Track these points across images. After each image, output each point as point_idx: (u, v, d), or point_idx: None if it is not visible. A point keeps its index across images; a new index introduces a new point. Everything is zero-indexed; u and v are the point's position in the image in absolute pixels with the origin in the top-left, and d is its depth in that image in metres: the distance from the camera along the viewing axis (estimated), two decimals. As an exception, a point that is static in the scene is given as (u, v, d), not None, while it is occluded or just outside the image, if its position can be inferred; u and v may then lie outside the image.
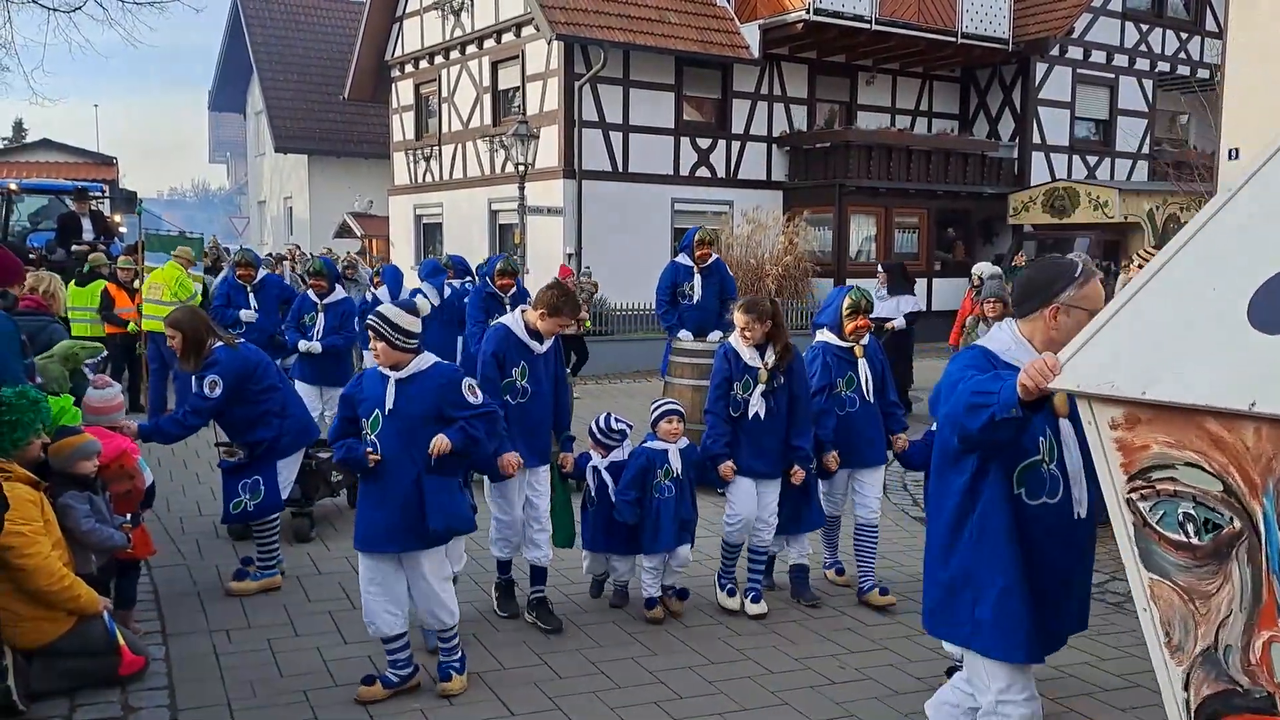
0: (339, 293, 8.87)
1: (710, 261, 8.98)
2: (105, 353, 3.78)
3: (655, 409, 5.66)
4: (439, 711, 4.36)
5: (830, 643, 5.21)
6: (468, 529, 4.72)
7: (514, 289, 9.24)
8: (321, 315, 8.71)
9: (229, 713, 4.28)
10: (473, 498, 5.00)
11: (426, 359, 4.51)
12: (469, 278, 11.62)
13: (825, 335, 5.81)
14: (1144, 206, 19.70)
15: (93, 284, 11.32)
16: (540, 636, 5.22)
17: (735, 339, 5.51)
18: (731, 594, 5.67)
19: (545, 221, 18.65)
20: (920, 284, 21.37)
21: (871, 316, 5.80)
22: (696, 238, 8.94)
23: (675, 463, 5.46)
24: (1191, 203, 17.19)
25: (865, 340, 5.75)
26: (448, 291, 10.18)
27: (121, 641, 4.44)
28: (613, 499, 5.43)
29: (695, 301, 8.92)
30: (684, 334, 8.84)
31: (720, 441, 5.45)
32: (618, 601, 5.69)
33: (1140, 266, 7.29)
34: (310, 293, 8.88)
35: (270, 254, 23.61)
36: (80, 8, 16.37)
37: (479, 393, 4.59)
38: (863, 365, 5.71)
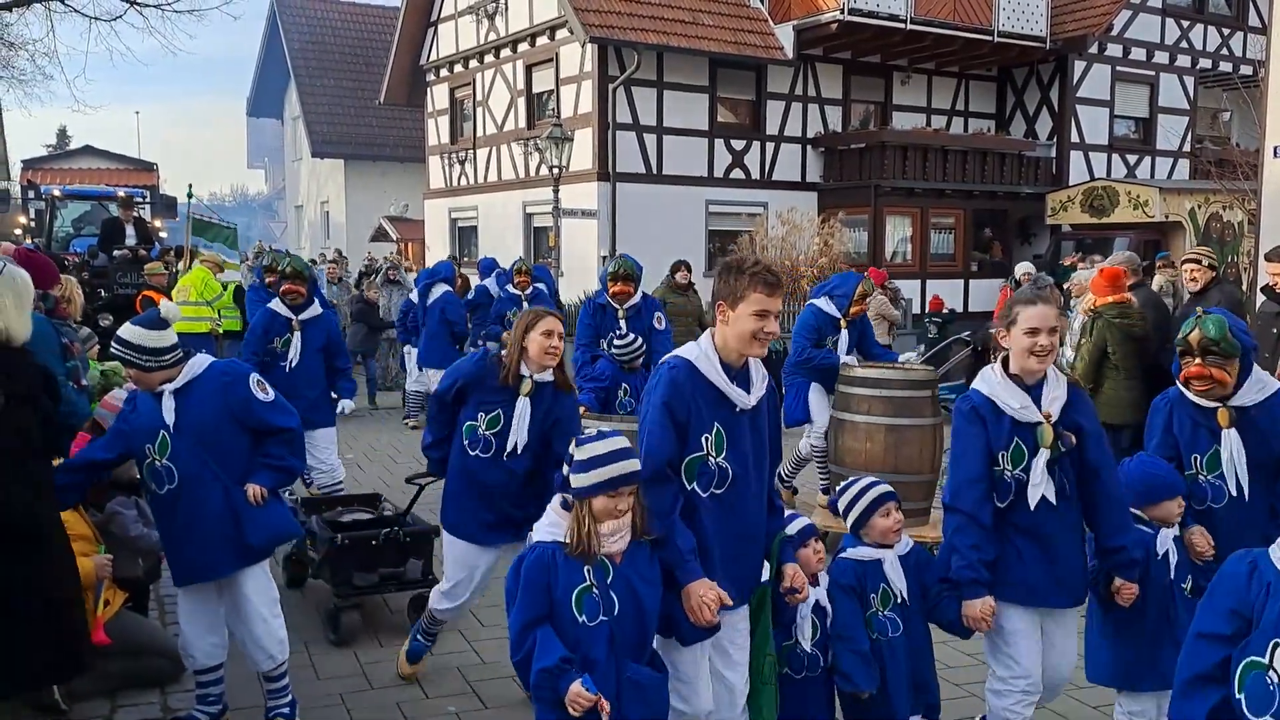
0: (316, 307, 6.73)
1: (859, 318, 7.30)
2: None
3: (858, 496, 3.51)
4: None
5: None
6: (294, 535, 4.35)
7: (633, 298, 7.13)
8: (298, 335, 6.57)
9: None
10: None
11: (200, 361, 3.97)
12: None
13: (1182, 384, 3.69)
14: (1185, 205, 19.38)
15: None
16: None
17: (989, 379, 3.40)
18: None
19: (580, 224, 18.69)
20: (957, 285, 21.30)
21: None
22: (857, 293, 7.13)
23: (897, 580, 3.44)
24: (1234, 201, 16.88)
25: (1247, 400, 3.57)
26: (438, 292, 10.25)
27: (100, 612, 4.29)
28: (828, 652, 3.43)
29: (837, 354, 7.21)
30: (849, 359, 7.12)
31: (978, 559, 3.31)
32: None
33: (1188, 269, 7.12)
34: (280, 304, 6.65)
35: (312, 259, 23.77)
36: (121, 16, 16.62)
37: (268, 389, 4.02)
38: (1231, 440, 3.57)
